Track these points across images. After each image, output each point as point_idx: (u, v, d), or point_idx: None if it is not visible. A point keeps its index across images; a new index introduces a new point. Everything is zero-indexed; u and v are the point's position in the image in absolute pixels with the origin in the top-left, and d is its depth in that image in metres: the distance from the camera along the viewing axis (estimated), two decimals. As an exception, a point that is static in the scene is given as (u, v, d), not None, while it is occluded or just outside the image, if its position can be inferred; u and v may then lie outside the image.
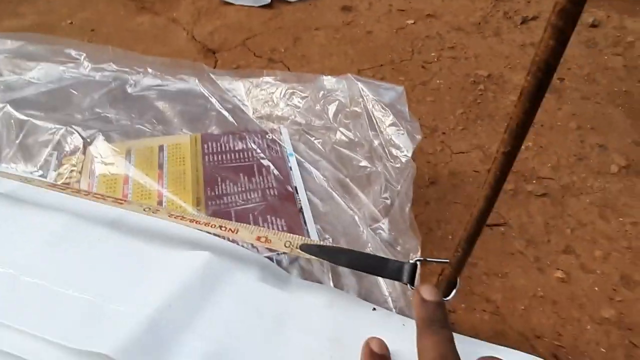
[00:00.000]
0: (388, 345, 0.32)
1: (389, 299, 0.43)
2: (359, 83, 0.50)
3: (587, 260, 0.45)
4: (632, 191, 0.52)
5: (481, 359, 0.23)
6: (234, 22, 0.82)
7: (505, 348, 0.33)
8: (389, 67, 0.72)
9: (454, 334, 0.26)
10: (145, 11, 0.85)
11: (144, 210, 0.41)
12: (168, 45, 0.76)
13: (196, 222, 0.40)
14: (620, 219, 0.49)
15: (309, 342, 0.33)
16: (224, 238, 0.43)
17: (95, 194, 0.45)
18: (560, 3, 0.19)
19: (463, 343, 0.27)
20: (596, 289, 0.42)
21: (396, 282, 0.39)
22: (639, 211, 0.49)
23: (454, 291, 0.34)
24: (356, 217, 0.46)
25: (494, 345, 0.34)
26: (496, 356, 0.23)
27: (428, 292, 0.25)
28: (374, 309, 0.39)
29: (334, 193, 0.49)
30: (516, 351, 0.33)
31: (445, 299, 0.33)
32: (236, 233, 0.40)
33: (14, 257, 0.37)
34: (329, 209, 0.48)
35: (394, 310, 0.39)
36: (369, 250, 0.44)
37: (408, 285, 0.34)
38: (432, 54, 0.75)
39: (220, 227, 0.40)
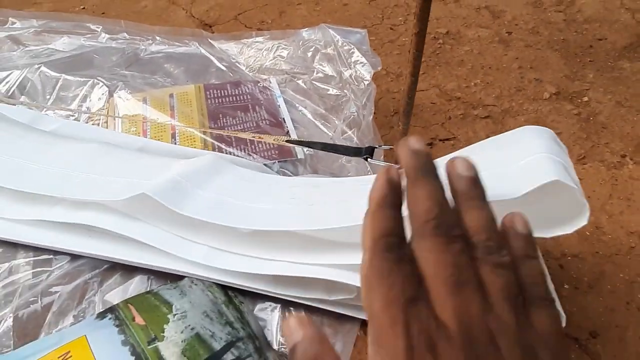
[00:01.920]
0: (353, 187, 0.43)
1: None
2: (330, 30, 0.61)
3: (517, 159, 0.56)
4: (559, 111, 0.63)
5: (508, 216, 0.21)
6: (227, 0, 0.93)
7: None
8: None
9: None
10: (148, -4, 0.96)
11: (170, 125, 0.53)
12: (170, 22, 0.87)
13: (210, 132, 0.52)
14: (548, 131, 0.60)
15: (291, 189, 0.44)
16: (231, 153, 0.54)
17: (127, 116, 0.57)
18: None
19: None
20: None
21: (359, 168, 0.50)
22: (564, 125, 0.61)
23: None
24: (332, 136, 0.57)
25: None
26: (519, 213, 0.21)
27: (417, 143, 0.22)
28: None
29: (315, 121, 0.60)
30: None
31: (396, 165, 0.44)
32: (237, 134, 0.52)
33: (63, 163, 0.48)
34: (311, 132, 0.59)
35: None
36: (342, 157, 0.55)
37: (367, 159, 0.45)
38: (400, 18, 0.86)
39: (227, 135, 0.52)
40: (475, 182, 0.21)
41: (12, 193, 0.47)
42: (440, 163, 0.22)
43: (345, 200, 0.40)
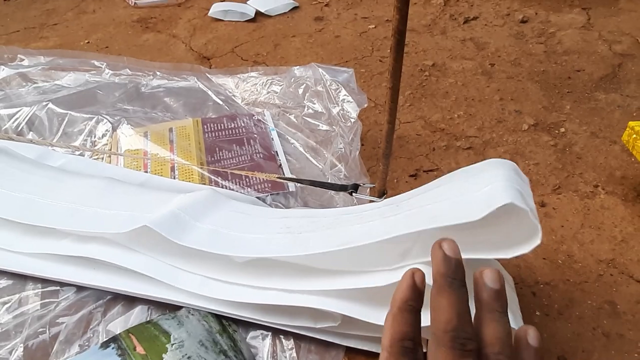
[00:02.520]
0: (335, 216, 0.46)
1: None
2: (319, 69, 0.65)
3: (496, 189, 0.59)
4: (537, 142, 0.67)
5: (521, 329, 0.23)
6: (224, 34, 0.98)
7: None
8: (353, 62, 0.87)
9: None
10: (149, 30, 1.01)
11: (168, 159, 0.57)
12: (170, 55, 0.91)
13: (207, 168, 0.55)
14: (527, 162, 0.63)
15: (283, 221, 0.47)
16: (226, 187, 0.58)
17: (131, 153, 0.61)
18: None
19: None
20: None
21: (347, 199, 0.53)
22: (541, 155, 0.64)
23: (384, 197, 0.49)
24: (322, 169, 0.61)
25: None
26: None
27: (451, 249, 0.23)
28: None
29: (307, 155, 0.64)
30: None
31: (379, 199, 0.47)
32: (232, 172, 0.56)
33: (71, 198, 0.52)
34: (302, 165, 0.63)
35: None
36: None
37: (351, 194, 0.49)
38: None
39: (222, 168, 0.55)
40: (500, 295, 0.23)
41: (22, 227, 0.51)
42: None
43: (330, 228, 0.44)
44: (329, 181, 0.58)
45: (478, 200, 0.35)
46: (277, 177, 0.52)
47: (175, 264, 0.45)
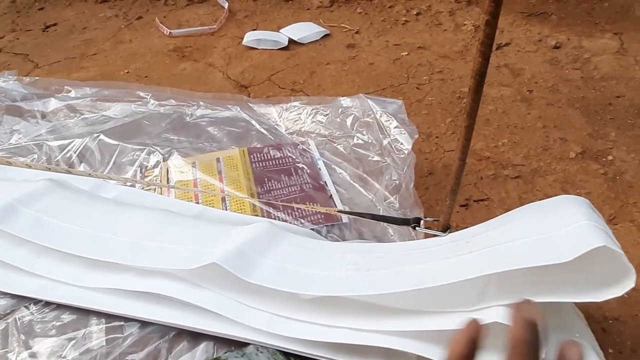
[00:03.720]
0: (401, 247, 0.46)
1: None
2: (368, 100, 0.66)
3: (550, 220, 0.59)
4: (586, 170, 0.66)
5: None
6: (259, 62, 1.00)
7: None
8: (389, 90, 0.88)
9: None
10: (186, 59, 1.03)
11: (220, 192, 0.57)
12: (209, 84, 0.93)
13: (260, 200, 0.56)
14: (578, 191, 0.63)
15: (347, 256, 0.47)
16: (279, 218, 0.58)
17: (182, 185, 0.61)
18: (481, 37, 0.35)
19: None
20: (557, 238, 0.56)
21: (407, 239, 0.53)
22: (592, 184, 0.64)
23: (448, 231, 0.49)
24: (373, 199, 0.61)
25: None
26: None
27: (531, 313, 0.22)
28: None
29: (355, 184, 0.64)
30: None
31: (443, 234, 0.47)
32: (291, 205, 0.56)
33: (132, 232, 0.52)
34: (352, 195, 0.63)
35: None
36: (385, 220, 0.58)
37: (414, 228, 0.48)
38: (424, 77, 0.91)
39: (279, 201, 0.56)
40: None
41: (84, 260, 0.51)
42: None
43: (401, 265, 0.43)
44: (383, 213, 0.58)
45: (564, 241, 0.34)
46: (339, 211, 0.53)
47: (241, 300, 0.45)
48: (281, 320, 0.45)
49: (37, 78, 0.80)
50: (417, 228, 0.48)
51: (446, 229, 0.48)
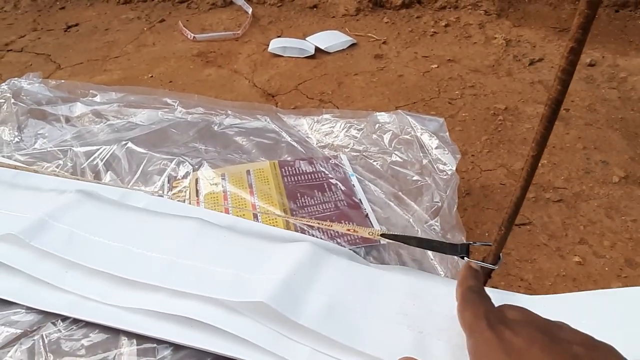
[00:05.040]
0: (449, 298, 0.43)
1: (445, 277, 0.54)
2: (408, 117, 0.63)
3: (598, 248, 0.56)
4: (630, 196, 0.64)
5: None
6: (286, 71, 0.98)
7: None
8: (421, 104, 0.86)
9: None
10: (210, 64, 1.01)
11: (253, 209, 0.55)
12: (235, 92, 0.91)
13: (299, 219, 0.53)
14: (623, 218, 0.60)
15: (394, 296, 0.44)
16: (314, 236, 0.55)
17: (212, 202, 0.59)
18: (562, 64, 0.32)
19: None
20: (606, 269, 0.54)
21: (449, 264, 0.51)
22: (637, 211, 0.61)
23: (499, 262, 0.46)
24: (411, 220, 0.59)
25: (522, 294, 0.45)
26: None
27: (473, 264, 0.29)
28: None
29: (391, 203, 0.62)
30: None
31: (493, 267, 0.45)
32: (330, 227, 0.53)
33: (166, 247, 0.50)
34: (388, 215, 0.60)
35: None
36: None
37: (463, 257, 0.46)
38: (456, 92, 0.89)
39: (318, 223, 0.53)
40: None
41: (114, 277, 0.49)
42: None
43: (457, 335, 0.41)
44: (422, 236, 0.55)
45: None
46: (382, 235, 0.50)
47: (281, 331, 0.43)
48: (321, 357, 0.42)
49: (62, 81, 0.78)
50: (466, 259, 0.45)
51: (496, 260, 0.46)
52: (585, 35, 0.35)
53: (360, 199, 0.65)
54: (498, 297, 0.44)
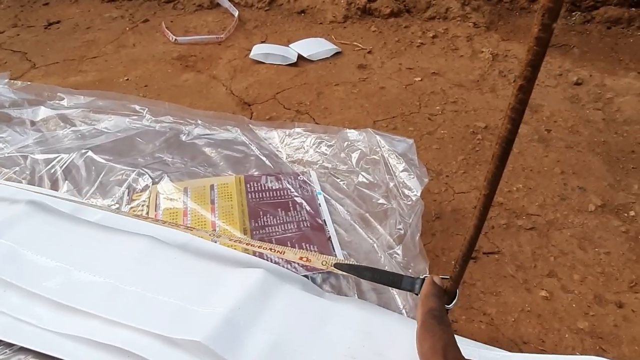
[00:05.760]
0: (402, 341, 0.41)
1: (404, 311, 0.52)
2: (377, 136, 0.61)
3: (567, 282, 0.54)
4: (606, 226, 0.61)
5: None
6: (265, 78, 0.96)
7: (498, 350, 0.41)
8: (400, 118, 0.84)
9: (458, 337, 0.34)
10: (189, 69, 0.99)
11: (210, 235, 0.52)
12: (211, 99, 0.89)
13: (251, 245, 0.51)
14: (596, 249, 0.58)
15: (344, 334, 0.42)
16: (270, 260, 0.53)
17: (170, 222, 0.57)
18: (512, 102, 0.30)
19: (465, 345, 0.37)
20: (574, 305, 0.51)
21: (409, 296, 0.48)
22: (612, 243, 0.59)
23: (454, 301, 0.44)
24: (375, 245, 0.56)
25: (490, 347, 0.43)
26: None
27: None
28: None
29: (356, 225, 0.59)
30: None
31: (447, 306, 0.42)
32: (283, 254, 0.51)
33: (112, 270, 0.48)
34: (352, 238, 0.58)
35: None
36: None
37: (417, 294, 0.44)
38: (437, 107, 0.87)
39: (270, 249, 0.51)
40: None
41: (54, 302, 0.46)
42: None
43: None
44: (384, 262, 0.53)
45: None
46: (334, 267, 0.48)
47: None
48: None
49: (29, 83, 0.75)
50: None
51: (452, 299, 0.43)
52: (535, 73, 0.32)
53: (324, 220, 0.63)
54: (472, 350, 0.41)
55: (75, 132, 0.72)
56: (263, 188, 0.66)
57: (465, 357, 0.27)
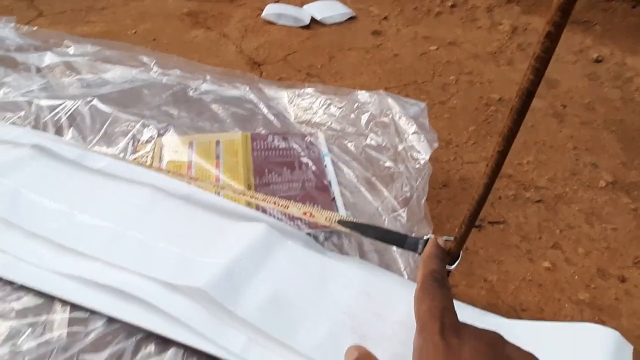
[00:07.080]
0: (401, 303, 0.41)
1: (405, 273, 0.52)
2: (388, 98, 0.59)
3: (571, 255, 0.53)
4: (615, 203, 0.60)
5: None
6: (276, 39, 0.93)
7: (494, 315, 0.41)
8: (412, 86, 0.82)
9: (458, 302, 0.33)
10: (199, 25, 0.96)
11: (213, 186, 0.52)
12: (220, 57, 0.87)
13: (255, 198, 0.50)
14: (603, 225, 0.57)
15: (344, 293, 0.42)
16: (273, 217, 0.53)
17: (175, 172, 0.56)
18: (537, 50, 0.29)
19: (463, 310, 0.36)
20: (576, 277, 0.51)
21: (410, 258, 0.48)
22: (620, 219, 0.58)
23: (457, 262, 0.43)
24: (379, 208, 0.56)
25: (487, 312, 0.43)
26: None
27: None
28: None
29: (361, 188, 0.58)
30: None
31: (449, 267, 0.42)
32: (287, 208, 0.50)
33: (115, 215, 0.48)
34: (357, 200, 0.57)
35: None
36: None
37: (419, 254, 0.43)
38: (451, 77, 0.85)
39: (274, 202, 0.50)
40: None
41: (55, 243, 0.46)
42: None
43: (403, 344, 0.38)
44: (388, 225, 0.53)
45: None
46: (338, 223, 0.47)
47: (219, 314, 0.41)
48: (257, 349, 0.40)
49: (35, 28, 0.74)
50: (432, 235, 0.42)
51: (454, 260, 0.43)
52: (565, 18, 0.30)
53: (329, 181, 0.62)
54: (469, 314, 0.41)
55: (80, 80, 0.71)
56: (269, 147, 0.65)
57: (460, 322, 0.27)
